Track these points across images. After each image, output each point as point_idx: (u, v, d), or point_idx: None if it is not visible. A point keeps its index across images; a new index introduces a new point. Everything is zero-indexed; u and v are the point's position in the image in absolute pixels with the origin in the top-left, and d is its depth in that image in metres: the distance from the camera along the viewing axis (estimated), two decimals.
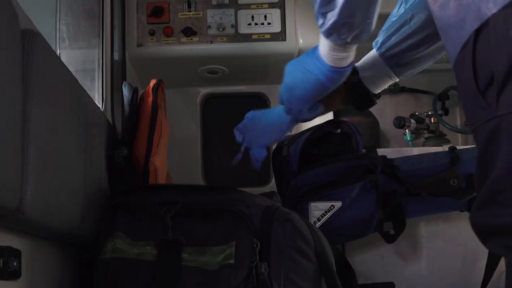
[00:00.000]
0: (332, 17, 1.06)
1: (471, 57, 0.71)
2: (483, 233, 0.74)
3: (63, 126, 0.98)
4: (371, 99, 1.40)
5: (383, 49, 1.32)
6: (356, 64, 1.36)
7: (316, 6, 1.07)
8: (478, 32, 0.70)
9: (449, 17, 0.76)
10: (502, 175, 0.68)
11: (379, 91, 1.40)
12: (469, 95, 0.73)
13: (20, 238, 0.88)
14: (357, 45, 1.19)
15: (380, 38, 1.33)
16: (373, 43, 1.35)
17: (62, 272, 1.09)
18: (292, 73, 1.31)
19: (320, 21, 1.09)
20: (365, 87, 1.37)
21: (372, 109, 2.22)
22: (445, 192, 1.51)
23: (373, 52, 1.35)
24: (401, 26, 1.27)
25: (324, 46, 1.19)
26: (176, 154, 1.95)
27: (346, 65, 1.22)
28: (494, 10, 0.67)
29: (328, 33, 1.12)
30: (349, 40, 1.12)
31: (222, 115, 2.20)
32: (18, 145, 0.78)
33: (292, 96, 1.32)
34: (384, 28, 1.32)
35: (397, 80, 1.37)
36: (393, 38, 1.29)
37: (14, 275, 0.84)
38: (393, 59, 1.32)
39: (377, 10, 1.07)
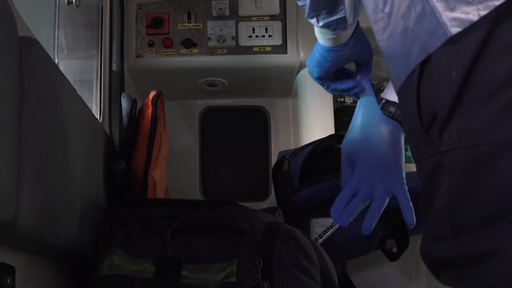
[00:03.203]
0: (305, 4, 1.04)
1: (416, 92, 0.70)
2: (433, 265, 0.74)
3: (60, 137, 0.95)
4: None
5: None
6: None
7: None
8: (423, 65, 0.70)
9: (395, 47, 0.76)
10: (440, 209, 0.68)
11: None
12: (413, 130, 0.73)
13: (14, 254, 0.84)
14: (348, 31, 1.13)
15: None
16: None
17: None
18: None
19: (301, 2, 1.07)
20: None
21: None
22: None
23: None
24: None
25: None
26: (173, 168, 1.92)
27: (334, 45, 1.15)
28: (438, 45, 0.67)
29: (308, 17, 1.08)
30: (324, 27, 1.09)
31: (221, 128, 2.18)
32: (13, 157, 0.75)
33: (311, 73, 1.25)
34: None
35: None
36: None
37: None
38: None
39: (350, 3, 1.04)
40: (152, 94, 1.39)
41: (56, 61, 1.24)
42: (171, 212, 1.12)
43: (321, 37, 1.15)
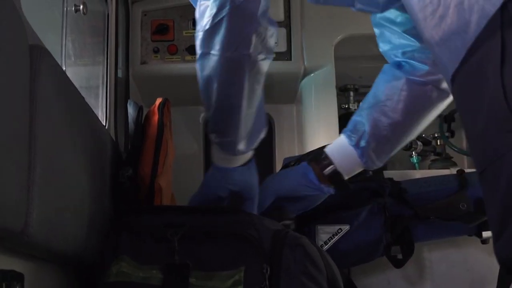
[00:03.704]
0: (209, 116, 1.15)
1: (499, 73, 0.66)
2: None
3: (69, 145, 0.95)
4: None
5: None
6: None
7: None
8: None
9: (450, 24, 0.74)
10: None
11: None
12: (493, 116, 0.68)
13: (23, 261, 0.85)
14: (239, 156, 1.22)
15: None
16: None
17: None
18: None
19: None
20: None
21: None
22: (454, 216, 1.49)
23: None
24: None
25: None
26: (178, 174, 1.92)
27: (221, 165, 1.24)
28: (497, 5, 0.66)
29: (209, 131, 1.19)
30: (217, 144, 1.20)
31: None
32: (24, 164, 0.75)
33: None
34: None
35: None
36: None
37: None
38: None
39: (243, 131, 1.15)
40: (158, 101, 1.39)
41: (64, 68, 1.24)
42: (178, 219, 1.12)
43: (215, 153, 1.23)
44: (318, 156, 1.35)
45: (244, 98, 1.10)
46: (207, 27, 1.02)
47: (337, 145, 1.35)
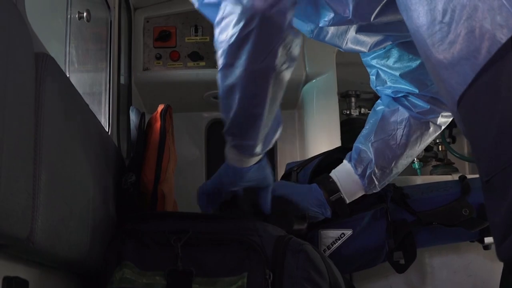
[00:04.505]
0: (227, 120, 1.14)
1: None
2: None
3: (73, 152, 0.95)
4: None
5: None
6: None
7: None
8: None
9: (459, 50, 0.78)
10: None
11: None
12: (506, 126, 0.72)
13: (28, 268, 0.85)
14: (255, 157, 1.23)
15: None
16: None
17: None
18: None
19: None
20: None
21: None
22: (457, 222, 1.49)
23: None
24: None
25: None
26: (180, 180, 1.92)
27: (239, 165, 1.24)
28: (509, 35, 0.71)
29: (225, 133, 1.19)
30: (233, 146, 1.20)
31: None
32: (30, 172, 0.76)
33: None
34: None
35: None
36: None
37: None
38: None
39: (262, 135, 1.16)
40: (160, 107, 1.40)
41: (68, 74, 1.25)
42: (182, 225, 1.12)
43: (229, 154, 1.24)
44: (325, 181, 1.43)
45: (267, 105, 1.10)
46: (232, 40, 1.00)
47: (343, 173, 1.44)
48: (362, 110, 2.22)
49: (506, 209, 0.73)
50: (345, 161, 1.45)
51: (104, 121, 1.46)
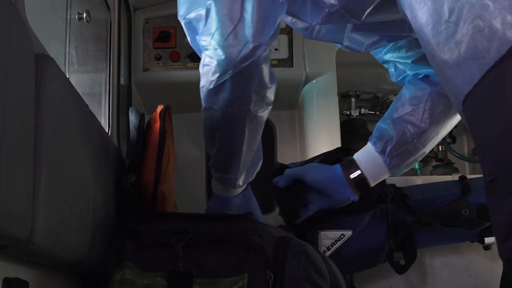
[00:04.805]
0: (211, 155, 1.23)
1: None
2: None
3: (73, 152, 0.95)
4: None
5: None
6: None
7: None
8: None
9: (467, 49, 0.78)
10: None
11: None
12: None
13: (28, 269, 0.85)
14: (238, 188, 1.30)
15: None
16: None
17: None
18: None
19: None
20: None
21: None
22: (457, 222, 1.49)
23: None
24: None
25: None
26: (180, 180, 1.92)
27: (224, 194, 1.30)
28: None
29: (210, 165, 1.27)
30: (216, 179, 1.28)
31: None
32: (30, 173, 0.76)
33: None
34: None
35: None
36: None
37: None
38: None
39: (242, 170, 1.24)
40: (159, 108, 1.40)
41: (67, 75, 1.25)
42: (182, 226, 1.12)
43: (215, 184, 1.31)
44: (347, 161, 1.40)
45: (245, 144, 1.18)
46: (211, 87, 1.09)
47: (364, 152, 1.39)
48: (362, 111, 2.22)
49: (509, 209, 0.72)
50: (367, 142, 1.41)
51: (104, 122, 1.46)
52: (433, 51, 0.84)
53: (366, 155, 1.38)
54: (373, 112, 2.27)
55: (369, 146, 1.39)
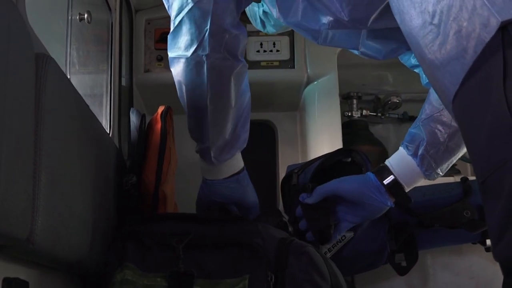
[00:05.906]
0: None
1: (502, 85, 0.71)
2: None
3: (73, 153, 0.95)
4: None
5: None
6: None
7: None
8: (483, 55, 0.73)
9: (449, 50, 0.79)
10: None
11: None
12: (498, 127, 0.72)
13: (28, 269, 0.85)
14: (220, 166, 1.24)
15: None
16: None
17: None
18: None
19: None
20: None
21: (381, 138, 2.22)
22: (458, 224, 1.48)
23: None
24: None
25: None
26: (180, 181, 1.92)
27: (208, 177, 1.27)
28: (492, 33, 0.72)
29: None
30: (197, 152, 1.25)
31: None
32: (29, 173, 0.76)
33: None
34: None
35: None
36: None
37: None
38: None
39: (213, 137, 1.19)
40: (161, 108, 1.40)
41: (68, 76, 1.25)
42: (183, 227, 1.12)
43: (200, 164, 1.27)
44: (378, 168, 1.35)
45: (208, 100, 1.14)
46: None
47: (396, 157, 1.35)
48: (364, 112, 2.21)
49: (499, 211, 0.72)
50: (400, 147, 1.37)
51: (105, 123, 1.46)
52: (422, 53, 0.85)
53: (398, 159, 1.34)
54: (375, 114, 2.26)
55: (400, 150, 1.35)
